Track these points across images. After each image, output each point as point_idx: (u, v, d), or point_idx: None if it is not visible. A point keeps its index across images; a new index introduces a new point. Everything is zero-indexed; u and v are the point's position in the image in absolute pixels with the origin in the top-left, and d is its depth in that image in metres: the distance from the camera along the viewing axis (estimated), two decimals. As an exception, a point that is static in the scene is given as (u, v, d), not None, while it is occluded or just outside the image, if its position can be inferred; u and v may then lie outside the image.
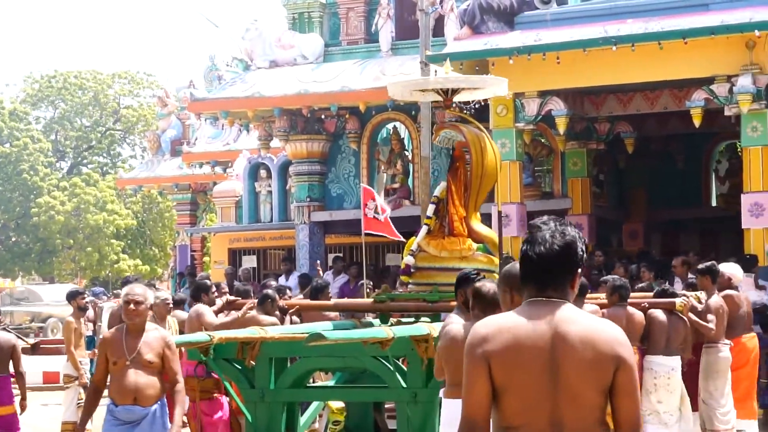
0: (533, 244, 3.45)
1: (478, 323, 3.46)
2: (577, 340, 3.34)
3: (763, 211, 13.04)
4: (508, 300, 5.26)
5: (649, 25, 13.14)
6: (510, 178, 14.27)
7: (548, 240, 3.43)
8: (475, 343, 3.38)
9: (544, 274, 3.43)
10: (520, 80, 13.58)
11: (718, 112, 13.74)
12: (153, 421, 6.71)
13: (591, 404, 3.33)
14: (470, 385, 3.36)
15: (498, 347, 3.34)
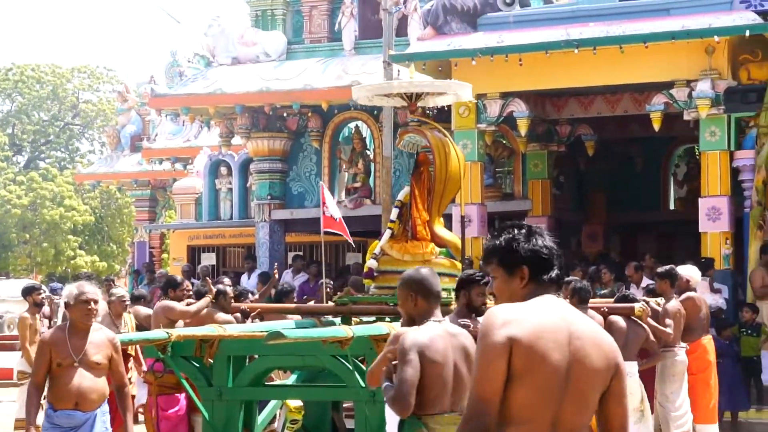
0: (536, 237, 3.49)
1: (496, 308, 3.37)
2: (590, 342, 3.36)
3: (720, 215, 13.17)
4: (411, 304, 5.25)
5: (611, 28, 13.23)
6: (471, 179, 14.29)
7: (548, 238, 3.51)
8: (496, 324, 3.28)
9: (551, 270, 3.47)
10: (483, 81, 13.62)
11: (677, 117, 13.86)
12: (93, 427, 6.48)
13: (592, 407, 3.36)
14: (487, 366, 3.25)
15: (523, 331, 3.27)
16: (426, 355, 4.97)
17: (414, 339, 5.01)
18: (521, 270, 3.47)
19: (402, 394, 4.93)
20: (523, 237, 3.50)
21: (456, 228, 12.12)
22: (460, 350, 5.08)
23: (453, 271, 8.95)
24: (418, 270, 5.45)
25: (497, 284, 3.54)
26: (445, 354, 5.02)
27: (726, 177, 13.31)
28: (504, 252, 3.50)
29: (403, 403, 4.94)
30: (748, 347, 12.26)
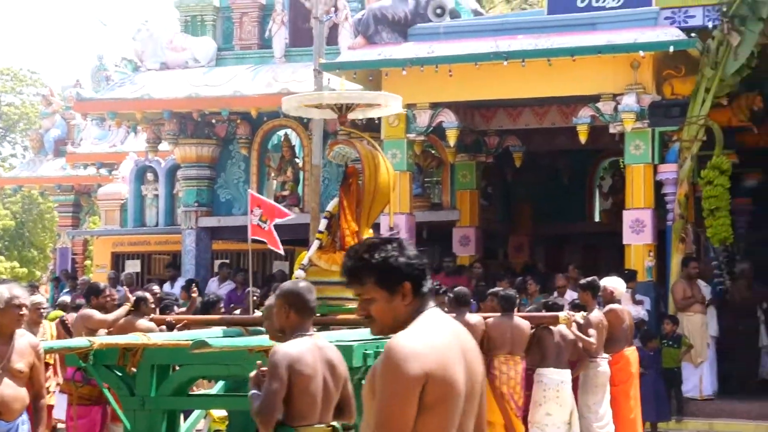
0: (408, 249, 3.30)
1: (400, 339, 3.14)
2: (473, 352, 3.28)
3: (644, 228, 13.37)
4: (284, 317, 5.31)
5: (539, 41, 13.37)
6: (400, 188, 14.29)
7: (414, 248, 3.34)
8: (407, 357, 3.07)
9: (427, 281, 3.31)
10: (413, 91, 13.67)
11: (603, 130, 14.05)
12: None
13: (479, 414, 3.29)
14: (401, 402, 3.06)
15: (436, 363, 3.11)
16: (296, 369, 5.05)
17: (285, 353, 5.10)
18: (403, 287, 3.27)
19: (266, 407, 5.00)
20: (398, 251, 3.29)
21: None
22: (327, 364, 5.19)
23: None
24: (296, 283, 5.54)
25: (378, 307, 3.27)
26: (314, 368, 5.11)
27: (650, 190, 13.52)
28: (382, 270, 3.27)
29: (267, 417, 5.00)
30: (669, 359, 12.45)
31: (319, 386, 5.12)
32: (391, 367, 3.09)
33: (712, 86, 13.03)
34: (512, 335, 9.62)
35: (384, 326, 3.31)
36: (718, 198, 13.34)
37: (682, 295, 12.91)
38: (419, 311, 3.27)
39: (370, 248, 3.29)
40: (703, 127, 13.20)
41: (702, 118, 13.14)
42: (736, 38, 12.80)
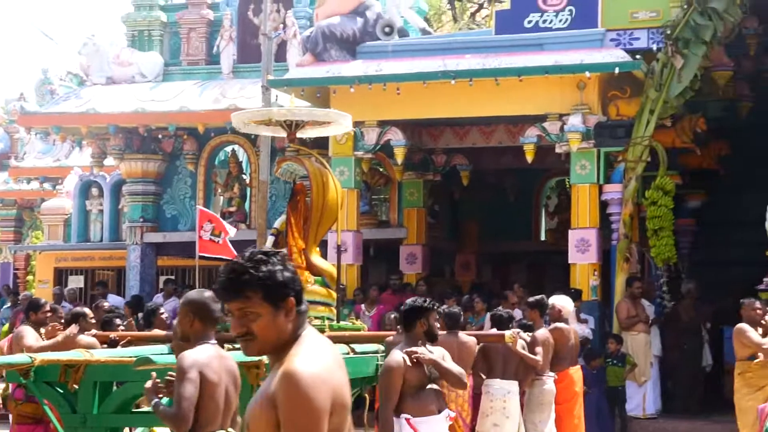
0: (288, 263, 3.17)
1: (301, 363, 3.01)
2: (344, 368, 3.24)
3: (589, 247, 13.47)
4: (188, 324, 5.40)
5: (487, 61, 13.46)
6: (348, 206, 14.30)
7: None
8: (316, 382, 2.98)
9: (303, 298, 3.19)
10: (361, 109, 13.68)
11: (549, 149, 14.15)
12: None
13: None
14: (317, 429, 2.95)
15: (337, 386, 3.06)
16: (205, 375, 5.12)
17: (194, 358, 5.15)
18: (288, 302, 3.13)
19: (183, 411, 5.03)
20: (282, 266, 3.14)
21: (331, 255, 12.09)
22: (229, 373, 5.28)
23: (328, 299, 8.93)
24: (201, 293, 5.58)
25: (263, 323, 3.08)
26: (220, 375, 5.19)
27: (595, 210, 13.63)
28: (269, 284, 3.10)
29: (183, 421, 5.04)
30: (613, 377, 12.54)
31: (223, 394, 5.20)
32: (301, 397, 2.96)
33: (656, 108, 13.20)
34: (459, 353, 9.61)
35: (266, 344, 3.12)
36: (662, 218, 13.50)
37: (626, 314, 13.02)
38: (300, 330, 3.15)
39: (255, 261, 3.11)
40: (648, 148, 13.36)
41: (646, 139, 13.30)
42: (679, 61, 13.00)
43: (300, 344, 3.11)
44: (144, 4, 18.30)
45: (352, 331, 9.07)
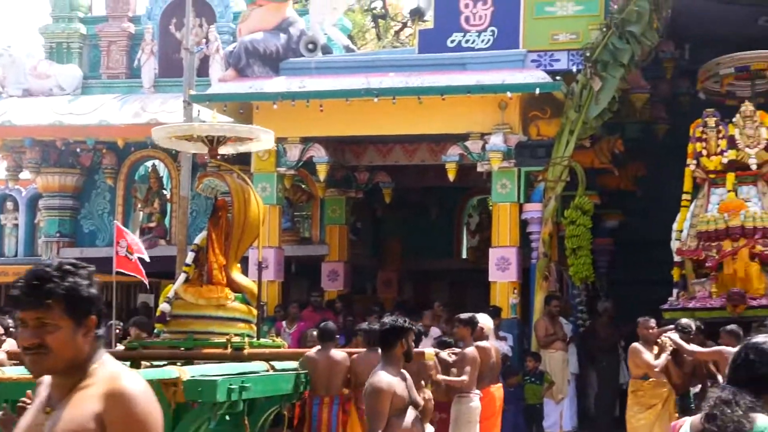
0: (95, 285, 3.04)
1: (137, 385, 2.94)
2: None
3: (509, 266, 13.58)
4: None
5: (410, 79, 13.52)
6: (269, 222, 14.23)
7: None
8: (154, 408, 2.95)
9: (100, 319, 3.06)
10: (283, 125, 13.63)
11: (471, 168, 14.25)
12: None
13: None
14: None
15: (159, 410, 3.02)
16: None
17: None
18: (90, 320, 2.97)
19: None
20: (89, 281, 2.98)
21: (252, 271, 12.00)
22: None
23: (248, 316, 8.87)
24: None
25: (61, 337, 2.89)
26: None
27: (515, 228, 13.76)
28: (73, 297, 2.93)
29: None
30: (531, 395, 12.64)
31: None
32: (141, 415, 2.88)
33: (575, 128, 13.39)
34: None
35: (60, 360, 2.92)
36: (580, 237, 13.68)
37: (545, 332, 13.14)
38: (96, 354, 2.99)
39: (62, 271, 2.94)
40: (567, 168, 13.54)
41: (566, 160, 13.48)
42: (598, 83, 13.21)
43: (107, 365, 2.98)
44: (63, 16, 18.03)
45: (272, 348, 9.01)
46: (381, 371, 6.32)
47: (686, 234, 12.40)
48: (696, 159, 12.52)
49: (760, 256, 11.73)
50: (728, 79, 13.25)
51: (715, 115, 12.43)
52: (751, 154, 12.18)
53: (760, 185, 12.30)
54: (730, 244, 11.81)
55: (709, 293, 11.81)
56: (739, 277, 11.64)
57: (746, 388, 3.23)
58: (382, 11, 28.82)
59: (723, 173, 12.36)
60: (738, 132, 12.25)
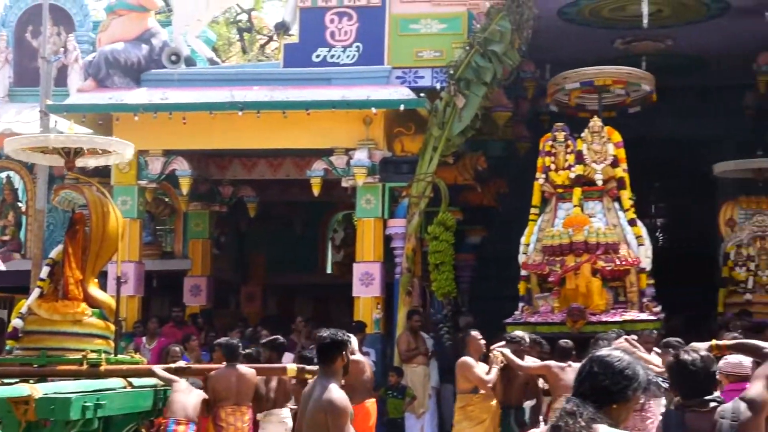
0: None
1: None
2: None
3: (373, 281, 13.63)
4: None
5: (275, 93, 13.47)
6: (129, 236, 13.95)
7: None
8: None
9: None
10: (145, 138, 13.41)
11: (336, 183, 14.27)
12: None
13: None
14: None
15: None
16: None
17: None
18: None
19: None
20: None
21: (111, 286, 11.71)
22: None
23: (106, 332, 8.68)
24: None
25: None
26: None
27: (379, 244, 13.82)
28: None
29: None
30: (393, 409, 12.68)
31: None
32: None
33: (439, 145, 13.54)
34: (237, 385, 9.48)
35: None
36: (443, 253, 13.84)
37: (407, 347, 13.21)
38: None
39: None
40: (431, 184, 13.68)
41: (429, 176, 13.62)
42: (461, 100, 13.41)
43: None
44: None
45: (130, 364, 8.81)
46: (334, 387, 5.94)
47: (532, 248, 12.34)
48: (545, 173, 12.48)
49: (602, 272, 11.66)
50: (576, 93, 13.39)
51: (564, 130, 12.47)
52: (597, 169, 12.17)
53: (606, 201, 12.30)
54: (574, 259, 11.73)
55: (552, 308, 11.76)
56: (581, 292, 11.54)
57: (590, 399, 3.32)
58: (248, 24, 28.65)
59: (570, 188, 12.33)
60: (586, 147, 12.24)
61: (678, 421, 4.37)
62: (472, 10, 13.73)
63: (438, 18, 13.83)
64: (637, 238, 12.10)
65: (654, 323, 11.26)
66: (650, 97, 13.56)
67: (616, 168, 12.30)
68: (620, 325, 10.75)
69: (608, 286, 11.73)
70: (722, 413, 4.28)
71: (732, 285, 14.16)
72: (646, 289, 11.90)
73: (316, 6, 14.06)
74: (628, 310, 11.59)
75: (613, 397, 3.35)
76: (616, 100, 13.62)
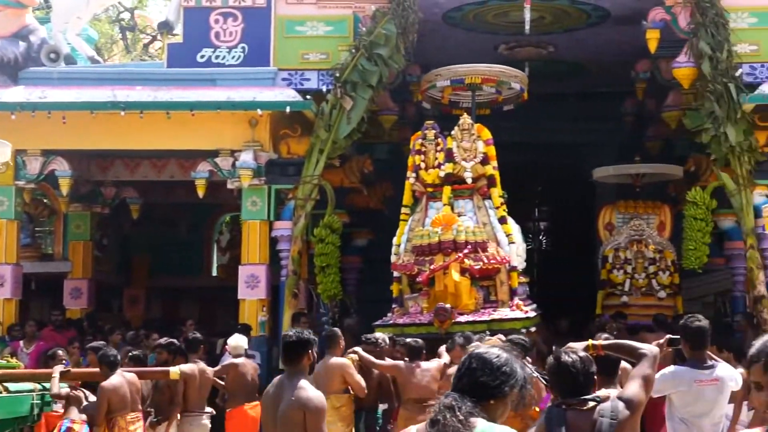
0: None
1: None
2: None
3: (259, 283, 13.56)
4: None
5: (158, 94, 13.27)
6: (6, 237, 13.63)
7: None
8: None
9: None
10: (23, 137, 13.09)
11: (221, 185, 14.15)
12: None
13: None
14: None
15: None
16: None
17: None
18: None
19: None
20: None
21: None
22: None
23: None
24: None
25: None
26: None
27: (265, 246, 13.75)
28: None
29: None
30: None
31: None
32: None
33: (326, 148, 13.54)
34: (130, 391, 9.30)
35: None
36: (329, 255, 13.85)
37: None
38: None
39: None
40: (317, 186, 13.67)
41: (316, 178, 13.60)
42: (348, 103, 13.43)
43: None
44: None
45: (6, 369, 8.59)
46: (307, 385, 5.83)
47: (403, 249, 12.05)
48: (415, 172, 12.21)
49: (471, 271, 11.27)
50: (449, 91, 13.23)
51: (435, 128, 12.28)
52: (467, 167, 11.90)
53: (476, 199, 12.02)
54: (443, 258, 11.32)
55: (421, 309, 11.45)
56: (450, 292, 11.11)
57: (469, 394, 3.39)
58: (131, 23, 28.17)
59: (440, 187, 12.03)
60: (455, 145, 11.97)
61: (559, 419, 4.48)
62: (358, 14, 13.77)
63: (324, 20, 13.83)
64: (507, 236, 11.82)
65: (523, 321, 11.12)
66: (523, 95, 13.52)
67: (486, 166, 12.04)
68: (488, 325, 10.74)
69: (479, 285, 11.42)
70: (602, 412, 4.43)
71: (610, 287, 14.52)
72: (517, 288, 11.71)
73: (200, 6, 13.91)
74: (497, 309, 11.32)
75: (490, 392, 3.43)
76: (490, 97, 13.45)
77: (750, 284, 13.16)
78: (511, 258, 11.63)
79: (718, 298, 15.70)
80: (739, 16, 13.40)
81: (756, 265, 13.06)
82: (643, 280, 14.32)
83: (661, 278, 14.36)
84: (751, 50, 13.38)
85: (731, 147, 13.09)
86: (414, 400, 9.44)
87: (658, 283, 14.35)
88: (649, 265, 14.40)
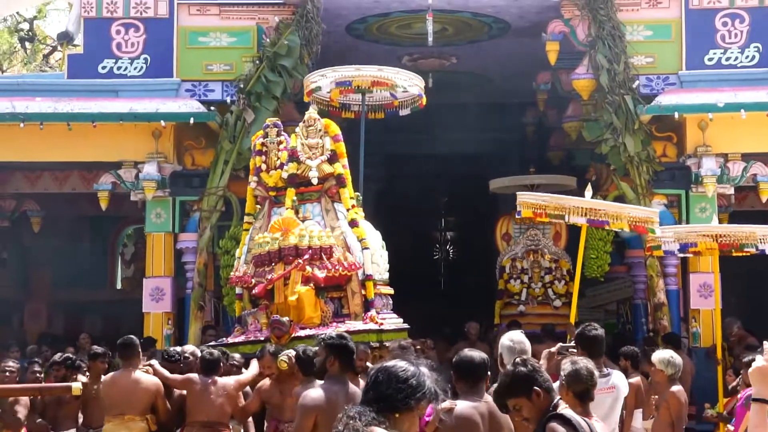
0: None
1: None
2: None
3: (164, 296, 13.44)
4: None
5: (59, 105, 13.08)
6: None
7: None
8: None
9: None
10: None
11: (125, 197, 14.00)
12: None
13: None
14: None
15: None
16: None
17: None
18: None
19: None
20: None
21: None
22: None
23: None
24: None
25: None
26: None
27: (170, 258, 13.63)
28: None
29: None
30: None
31: None
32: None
33: (230, 159, 13.48)
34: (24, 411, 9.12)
35: None
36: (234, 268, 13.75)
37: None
38: None
39: None
40: (222, 198, 13.60)
41: (221, 190, 13.53)
42: (251, 114, 13.41)
43: None
44: None
45: None
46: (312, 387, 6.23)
47: (243, 260, 10.42)
48: (257, 175, 10.64)
49: (314, 280, 9.65)
50: (336, 93, 11.98)
51: (277, 126, 10.69)
52: (312, 166, 10.18)
53: (324, 202, 10.33)
54: (283, 267, 9.76)
55: (260, 325, 9.91)
56: (292, 305, 9.56)
57: (375, 406, 3.45)
58: (30, 33, 27.63)
59: (284, 190, 10.36)
60: (300, 143, 10.32)
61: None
62: (261, 25, 13.76)
63: (227, 31, 13.79)
64: (360, 241, 10.12)
65: (377, 334, 9.66)
66: (421, 100, 12.10)
67: (334, 164, 10.32)
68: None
69: (327, 297, 9.88)
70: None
71: (507, 297, 14.75)
72: (374, 299, 10.05)
73: (101, 16, 13.75)
74: (345, 322, 9.71)
75: (395, 405, 3.47)
76: (383, 101, 12.45)
77: (650, 292, 13.50)
78: (364, 265, 10.03)
79: (620, 305, 16.05)
80: (635, 29, 13.76)
81: (656, 272, 13.40)
82: (540, 289, 14.58)
83: (557, 287, 14.66)
84: (647, 62, 13.74)
85: (630, 157, 13.42)
86: (201, 423, 8.51)
87: (554, 292, 14.63)
88: (545, 274, 14.68)
